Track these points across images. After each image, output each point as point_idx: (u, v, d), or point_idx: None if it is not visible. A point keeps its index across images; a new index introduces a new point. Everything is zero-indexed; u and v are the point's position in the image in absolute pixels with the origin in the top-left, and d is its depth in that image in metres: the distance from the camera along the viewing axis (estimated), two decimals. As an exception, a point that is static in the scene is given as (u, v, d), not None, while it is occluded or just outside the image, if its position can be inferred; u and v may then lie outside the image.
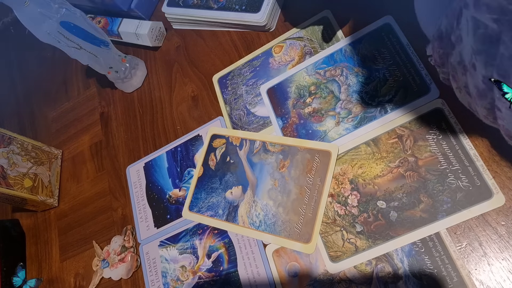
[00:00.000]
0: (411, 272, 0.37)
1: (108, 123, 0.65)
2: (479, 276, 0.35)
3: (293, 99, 0.49)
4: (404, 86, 0.43)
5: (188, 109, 0.58)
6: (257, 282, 0.44)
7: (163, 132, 0.58)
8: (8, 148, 0.59)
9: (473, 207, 0.36)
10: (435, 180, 0.38)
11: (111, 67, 0.59)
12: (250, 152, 0.49)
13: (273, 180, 0.46)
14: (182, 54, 0.63)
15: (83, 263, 0.56)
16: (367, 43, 0.47)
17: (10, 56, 0.86)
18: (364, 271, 0.39)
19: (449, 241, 0.36)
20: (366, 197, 0.41)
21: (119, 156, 0.61)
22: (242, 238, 0.46)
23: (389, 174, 0.41)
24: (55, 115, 0.72)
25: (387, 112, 0.43)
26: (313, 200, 0.43)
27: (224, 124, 0.53)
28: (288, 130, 0.48)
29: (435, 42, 0.32)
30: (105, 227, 0.56)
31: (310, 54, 0.51)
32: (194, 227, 0.49)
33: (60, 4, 0.50)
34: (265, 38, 0.56)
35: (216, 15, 0.57)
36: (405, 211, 0.39)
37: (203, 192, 0.50)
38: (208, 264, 0.47)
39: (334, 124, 0.46)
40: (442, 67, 0.33)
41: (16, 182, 0.57)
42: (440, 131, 0.40)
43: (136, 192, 0.56)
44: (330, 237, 0.41)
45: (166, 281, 0.48)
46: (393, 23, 0.46)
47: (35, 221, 0.63)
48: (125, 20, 0.65)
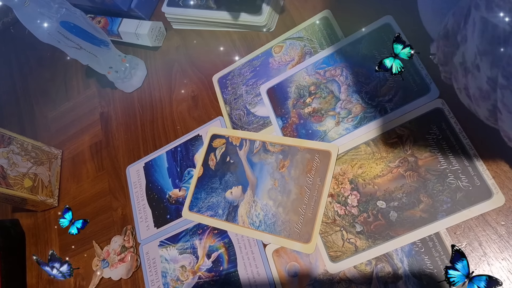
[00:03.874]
0: (411, 272, 0.37)
1: (108, 123, 0.65)
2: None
3: (293, 99, 0.49)
4: (404, 86, 0.43)
5: (188, 109, 0.58)
6: (257, 282, 0.44)
7: (163, 132, 0.58)
8: (8, 148, 0.59)
9: (473, 207, 0.36)
10: (435, 180, 0.38)
11: (111, 67, 0.59)
12: (250, 152, 0.49)
13: (273, 180, 0.46)
14: (182, 54, 0.63)
15: (83, 263, 0.56)
16: (367, 43, 0.47)
17: (10, 56, 0.86)
18: (364, 271, 0.39)
19: (449, 241, 0.36)
20: (366, 197, 0.41)
21: (119, 156, 0.61)
22: (242, 238, 0.46)
23: (389, 174, 0.41)
24: (55, 115, 0.72)
25: (387, 112, 0.43)
26: (313, 200, 0.43)
27: (224, 124, 0.53)
28: (288, 130, 0.48)
29: (440, 40, 0.32)
30: (105, 227, 0.56)
31: (310, 54, 0.51)
32: (194, 227, 0.49)
33: (60, 4, 0.50)
34: (265, 38, 0.56)
35: (216, 15, 0.57)
36: (405, 211, 0.39)
37: (203, 192, 0.50)
38: (208, 264, 0.47)
39: (334, 124, 0.46)
40: (445, 66, 0.33)
41: (16, 182, 0.57)
42: (440, 131, 0.40)
43: (136, 192, 0.56)
44: (330, 237, 0.41)
45: (166, 281, 0.48)
46: (393, 23, 0.46)
47: (35, 221, 0.63)
48: (125, 20, 0.65)
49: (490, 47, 0.24)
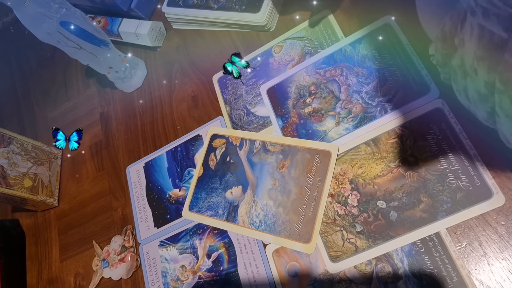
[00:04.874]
0: (411, 272, 0.37)
1: (108, 123, 0.65)
2: (479, 276, 0.35)
3: (293, 99, 0.49)
4: (404, 86, 0.43)
5: (188, 109, 0.58)
6: (257, 282, 0.44)
7: (163, 132, 0.58)
8: (8, 148, 0.59)
9: (473, 207, 0.36)
10: (435, 180, 0.38)
11: (111, 67, 0.60)
12: (250, 152, 0.49)
13: (273, 180, 0.46)
14: (182, 54, 0.63)
15: (83, 263, 0.56)
16: (367, 43, 0.47)
17: (10, 56, 0.86)
18: (364, 271, 0.39)
19: (449, 241, 0.37)
20: (366, 197, 0.41)
21: (119, 156, 0.61)
22: (242, 238, 0.46)
23: (389, 174, 0.41)
24: (55, 115, 0.72)
25: (387, 112, 0.43)
26: (313, 200, 0.43)
27: (224, 124, 0.53)
28: (288, 130, 0.48)
29: (438, 42, 0.32)
30: (105, 227, 0.56)
31: (310, 54, 0.51)
32: (194, 227, 0.49)
33: (60, 4, 0.50)
34: (265, 38, 0.56)
35: (216, 15, 0.57)
36: (405, 211, 0.39)
37: (203, 192, 0.50)
38: (208, 264, 0.47)
39: (334, 124, 0.46)
40: (443, 67, 0.33)
41: (16, 182, 0.57)
42: (440, 131, 0.40)
43: (136, 192, 0.56)
44: (330, 237, 0.41)
45: (166, 281, 0.48)
46: (393, 23, 0.46)
47: (35, 221, 0.63)
48: (125, 20, 0.65)
49: (487, 52, 0.24)
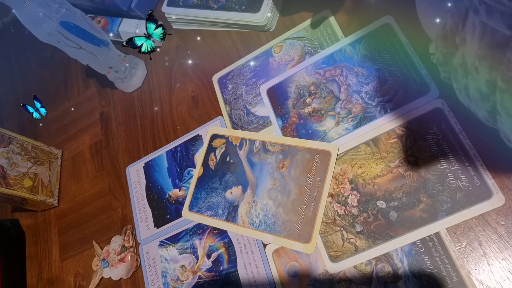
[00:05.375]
0: (411, 272, 0.37)
1: (108, 123, 0.65)
2: (478, 276, 0.35)
3: (293, 99, 0.49)
4: (404, 86, 0.43)
5: (188, 109, 0.58)
6: (257, 282, 0.44)
7: (163, 132, 0.58)
8: (8, 148, 0.59)
9: (473, 207, 0.36)
10: (435, 180, 0.38)
11: (111, 67, 0.59)
12: (250, 152, 0.49)
13: (273, 180, 0.46)
14: (182, 54, 0.63)
15: (83, 263, 0.56)
16: (367, 43, 0.47)
17: (10, 56, 0.86)
18: (364, 271, 0.39)
19: (449, 241, 0.37)
20: (366, 197, 0.41)
21: (119, 156, 0.61)
22: (242, 238, 0.46)
23: (389, 174, 0.41)
24: (55, 115, 0.72)
25: (387, 112, 0.43)
26: (313, 200, 0.43)
27: (224, 124, 0.53)
28: (288, 130, 0.48)
29: (439, 41, 0.32)
30: (105, 227, 0.56)
31: (310, 54, 0.51)
32: (194, 227, 0.49)
33: (60, 4, 0.50)
34: (265, 38, 0.56)
35: (216, 15, 0.57)
36: (405, 211, 0.39)
37: (203, 192, 0.50)
38: (208, 264, 0.47)
39: (334, 124, 0.46)
40: (444, 66, 0.33)
41: (16, 182, 0.57)
42: (440, 131, 0.40)
43: (136, 192, 0.56)
44: (330, 237, 0.41)
45: (166, 281, 0.48)
46: (393, 23, 0.46)
47: (35, 221, 0.63)
48: (125, 20, 0.65)
49: (489, 51, 0.24)
